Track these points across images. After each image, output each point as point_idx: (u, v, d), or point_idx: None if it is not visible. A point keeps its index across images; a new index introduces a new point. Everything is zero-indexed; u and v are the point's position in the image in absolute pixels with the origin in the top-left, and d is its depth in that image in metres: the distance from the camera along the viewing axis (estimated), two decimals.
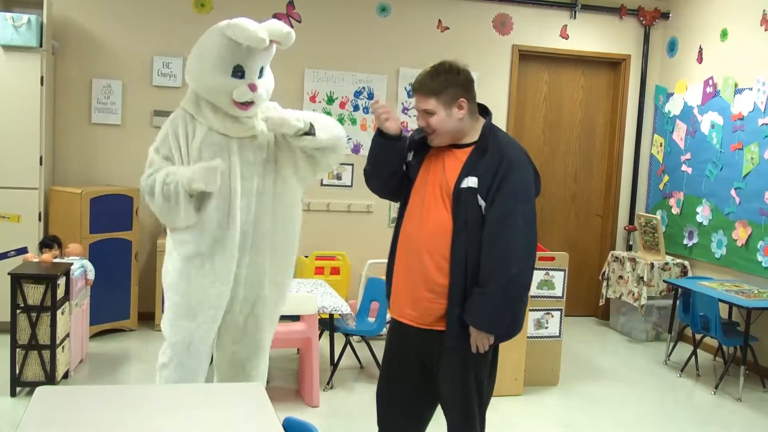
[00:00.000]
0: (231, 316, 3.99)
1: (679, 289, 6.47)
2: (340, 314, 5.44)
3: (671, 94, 7.68)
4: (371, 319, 6.04)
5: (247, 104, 3.81)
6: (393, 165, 3.36)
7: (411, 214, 3.32)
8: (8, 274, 5.00)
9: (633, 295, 7.17)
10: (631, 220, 8.02)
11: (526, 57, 7.71)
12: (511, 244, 3.09)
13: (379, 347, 6.41)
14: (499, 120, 7.61)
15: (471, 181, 3.13)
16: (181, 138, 3.81)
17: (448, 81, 3.18)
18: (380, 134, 3.29)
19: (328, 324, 5.56)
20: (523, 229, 3.12)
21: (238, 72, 3.77)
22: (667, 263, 7.14)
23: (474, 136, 3.25)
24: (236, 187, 3.82)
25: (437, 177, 3.25)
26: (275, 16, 7.04)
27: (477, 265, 3.12)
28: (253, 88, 3.79)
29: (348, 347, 5.81)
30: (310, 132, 3.82)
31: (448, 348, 3.23)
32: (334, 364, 5.63)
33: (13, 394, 5.00)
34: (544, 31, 7.71)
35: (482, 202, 3.11)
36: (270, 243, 3.98)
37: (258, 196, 3.91)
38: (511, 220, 3.10)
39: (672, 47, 7.76)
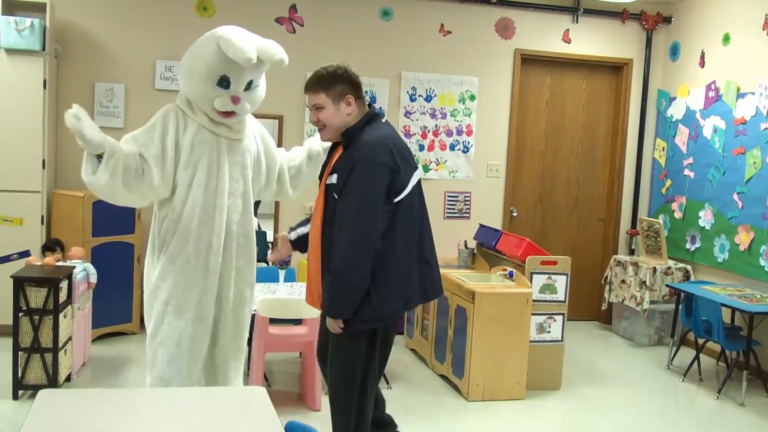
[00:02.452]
0: (220, 317, 4.01)
1: (682, 294, 6.46)
2: None
3: (673, 99, 7.68)
4: None
5: (228, 114, 3.85)
6: None
7: None
8: (11, 277, 5.00)
9: (635, 299, 7.16)
10: (634, 225, 8.01)
11: (529, 61, 7.71)
12: (339, 241, 3.38)
13: None
14: (502, 124, 7.62)
15: (333, 178, 3.46)
16: (171, 129, 3.84)
17: (336, 78, 3.53)
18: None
19: None
20: (350, 226, 3.36)
21: (224, 82, 3.82)
22: (669, 267, 7.14)
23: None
24: (224, 187, 3.87)
25: (324, 177, 3.61)
26: (278, 20, 7.05)
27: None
28: (235, 100, 3.84)
29: None
30: None
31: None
32: None
33: (15, 397, 5.01)
34: (546, 35, 7.71)
35: (336, 197, 3.44)
36: (251, 244, 4.07)
37: (243, 196, 3.98)
38: (344, 215, 3.38)
39: (674, 51, 7.76)
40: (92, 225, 6.24)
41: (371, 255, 3.37)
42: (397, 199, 3.44)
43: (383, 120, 3.70)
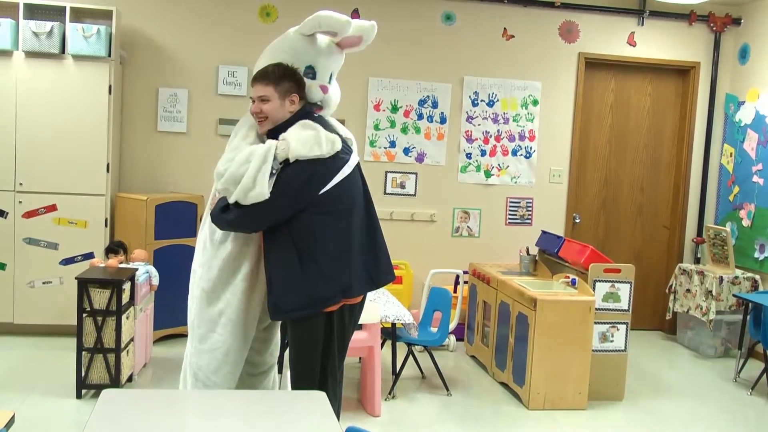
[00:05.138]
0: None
1: (750, 304, 6.31)
2: (402, 323, 5.43)
3: (742, 103, 7.51)
4: (434, 329, 6.02)
5: (316, 107, 3.82)
6: None
7: None
8: (75, 278, 5.12)
9: (701, 309, 7.02)
10: (700, 232, 7.85)
11: (593, 65, 7.62)
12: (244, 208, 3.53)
13: (442, 357, 6.40)
14: (565, 129, 7.55)
15: None
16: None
17: (286, 75, 3.64)
18: None
19: (391, 333, 5.55)
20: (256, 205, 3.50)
21: (309, 73, 3.78)
22: (736, 277, 6.97)
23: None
24: None
25: None
26: None
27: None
28: (324, 89, 3.80)
29: (410, 357, 5.79)
30: None
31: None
32: (396, 374, 5.62)
33: (78, 396, 5.11)
34: (610, 39, 7.61)
35: None
36: None
37: None
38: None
39: (744, 54, 7.59)
40: (155, 228, 6.33)
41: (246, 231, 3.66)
42: (321, 192, 3.53)
43: (316, 116, 3.73)
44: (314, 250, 3.56)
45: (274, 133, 3.64)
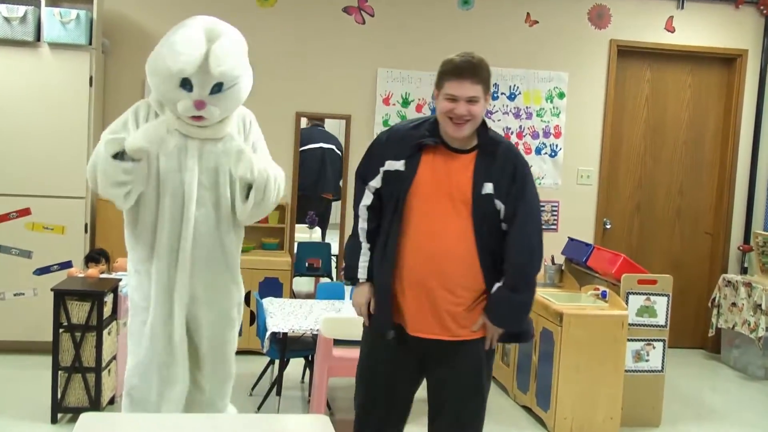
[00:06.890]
0: (200, 340, 4.02)
1: None
2: None
3: None
4: None
5: (194, 118, 3.84)
6: None
7: (419, 225, 3.43)
8: (51, 290, 5.10)
9: (749, 325, 6.97)
10: (747, 239, 7.81)
11: (626, 53, 7.60)
12: (531, 247, 3.43)
13: None
14: (594, 125, 7.53)
15: (488, 188, 3.37)
16: (141, 123, 3.88)
17: (488, 71, 3.51)
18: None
19: None
20: (539, 230, 3.49)
21: (187, 85, 3.78)
22: None
23: (473, 137, 3.48)
24: (192, 195, 3.84)
25: (445, 185, 3.43)
26: (346, 10, 7.08)
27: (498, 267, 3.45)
28: (199, 105, 3.79)
29: None
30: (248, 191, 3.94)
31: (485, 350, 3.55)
32: None
33: (54, 420, 5.08)
34: (646, 24, 7.59)
35: (500, 206, 3.38)
36: (231, 258, 4.08)
37: (216, 206, 3.94)
38: (533, 222, 3.45)
39: None
40: None
41: None
42: None
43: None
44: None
45: (484, 140, 3.50)
